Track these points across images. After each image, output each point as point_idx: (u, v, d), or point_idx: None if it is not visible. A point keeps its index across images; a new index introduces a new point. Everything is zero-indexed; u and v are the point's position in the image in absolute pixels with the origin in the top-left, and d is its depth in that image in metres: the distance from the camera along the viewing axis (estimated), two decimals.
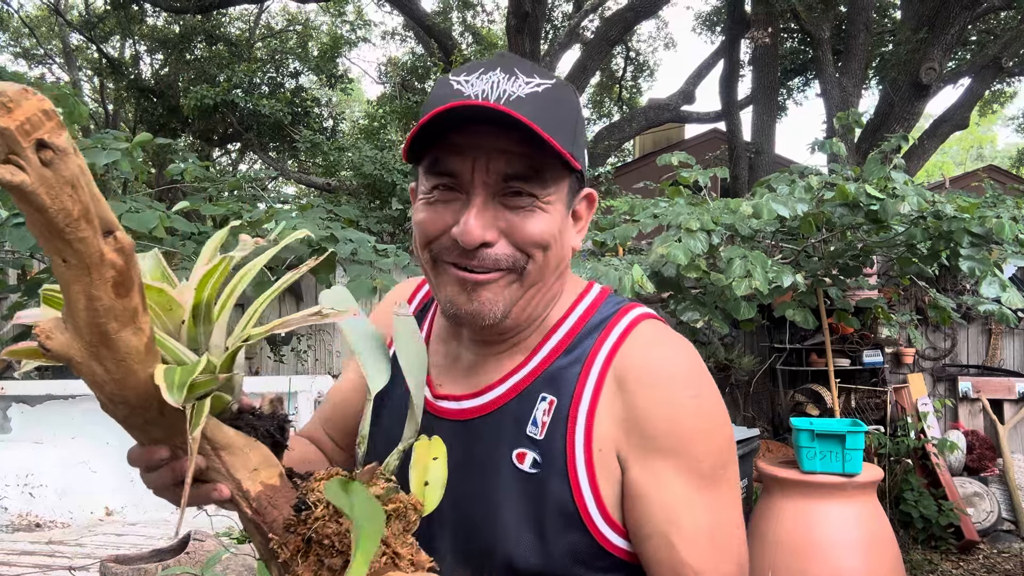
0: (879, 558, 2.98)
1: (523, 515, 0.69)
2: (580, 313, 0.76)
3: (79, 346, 0.50)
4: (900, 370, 4.83)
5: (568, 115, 0.70)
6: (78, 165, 0.45)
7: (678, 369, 0.71)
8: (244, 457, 0.58)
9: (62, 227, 0.45)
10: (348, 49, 11.80)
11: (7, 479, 3.28)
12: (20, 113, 0.42)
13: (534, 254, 0.70)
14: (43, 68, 14.16)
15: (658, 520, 0.67)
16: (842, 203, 3.03)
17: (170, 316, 0.57)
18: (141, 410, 0.55)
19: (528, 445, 0.70)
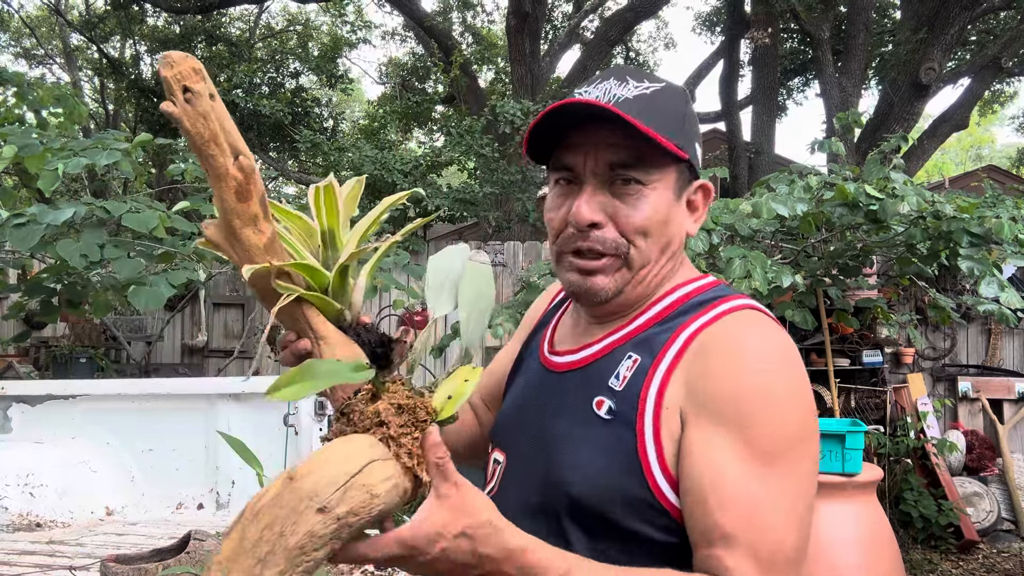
0: (879, 558, 2.98)
1: (593, 457, 0.75)
2: (685, 292, 0.82)
3: (221, 236, 0.71)
4: (900, 370, 4.84)
5: (674, 111, 0.79)
6: (211, 105, 0.67)
7: (758, 345, 0.73)
8: (333, 348, 0.74)
9: (199, 145, 0.67)
10: (348, 50, 11.80)
11: (8, 479, 3.28)
12: (176, 68, 0.66)
13: (635, 241, 0.78)
14: (43, 68, 14.17)
15: (699, 477, 0.69)
16: (841, 203, 3.04)
17: (311, 241, 0.76)
18: (264, 291, 0.74)
19: (607, 394, 0.77)
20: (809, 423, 0.72)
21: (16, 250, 3.29)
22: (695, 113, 0.85)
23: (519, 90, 8.24)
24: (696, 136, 0.83)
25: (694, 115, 0.84)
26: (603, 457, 0.74)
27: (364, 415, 0.67)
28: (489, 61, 11.47)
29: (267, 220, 0.72)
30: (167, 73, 0.66)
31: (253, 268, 0.69)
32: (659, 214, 0.78)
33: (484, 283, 0.82)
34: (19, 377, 4.73)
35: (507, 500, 0.80)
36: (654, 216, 0.78)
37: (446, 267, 0.83)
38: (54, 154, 3.06)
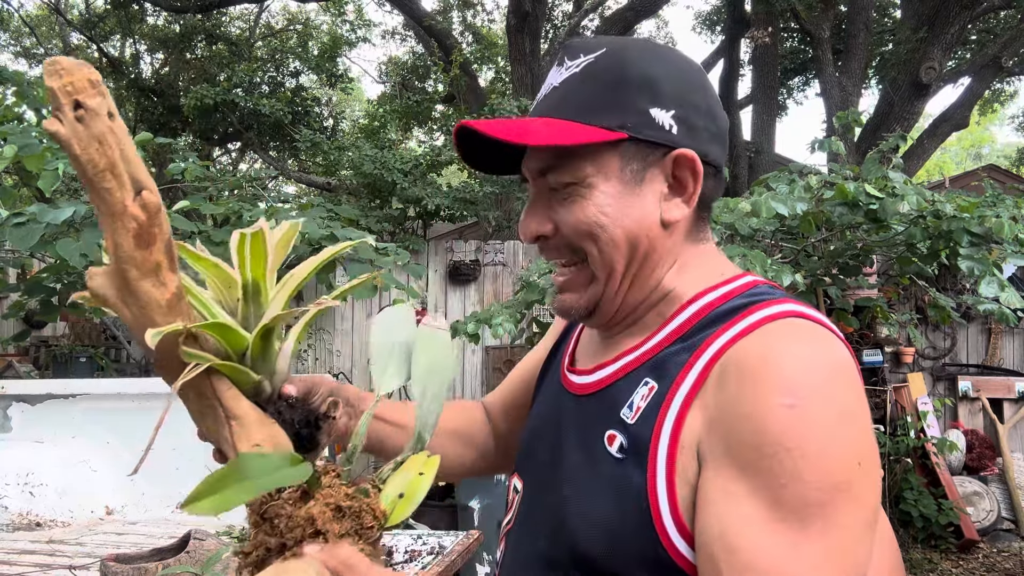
0: (878, 557, 2.97)
1: (601, 504, 0.64)
2: (710, 300, 0.67)
3: (112, 288, 0.58)
4: (900, 369, 4.84)
5: (608, 82, 0.66)
6: (108, 126, 0.55)
7: (791, 368, 0.57)
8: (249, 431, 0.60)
9: (91, 175, 0.54)
10: (348, 49, 11.80)
11: (7, 478, 3.28)
12: (68, 78, 0.53)
13: (585, 246, 0.68)
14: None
15: (713, 536, 0.56)
16: (841, 202, 3.03)
17: (229, 292, 0.63)
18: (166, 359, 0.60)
19: (619, 428, 0.65)
20: (857, 455, 0.56)
21: (16, 250, 3.28)
22: (674, 67, 0.68)
23: (519, 89, 8.24)
24: (658, 94, 0.66)
25: (653, 73, 0.67)
26: (612, 505, 0.63)
27: (294, 521, 0.55)
28: (489, 60, 11.47)
29: (172, 271, 0.58)
30: (54, 84, 0.53)
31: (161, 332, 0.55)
32: (607, 211, 0.66)
33: (441, 352, 0.70)
34: (19, 376, 4.74)
35: (520, 539, 0.74)
36: (595, 216, 0.66)
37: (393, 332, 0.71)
38: (54, 154, 3.06)
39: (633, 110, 0.66)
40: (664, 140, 0.66)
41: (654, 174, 0.67)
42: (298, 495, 0.57)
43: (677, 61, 0.70)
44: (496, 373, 5.78)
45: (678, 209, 0.68)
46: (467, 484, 4.07)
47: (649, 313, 0.71)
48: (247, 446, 0.59)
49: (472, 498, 4.01)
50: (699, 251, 0.71)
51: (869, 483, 0.57)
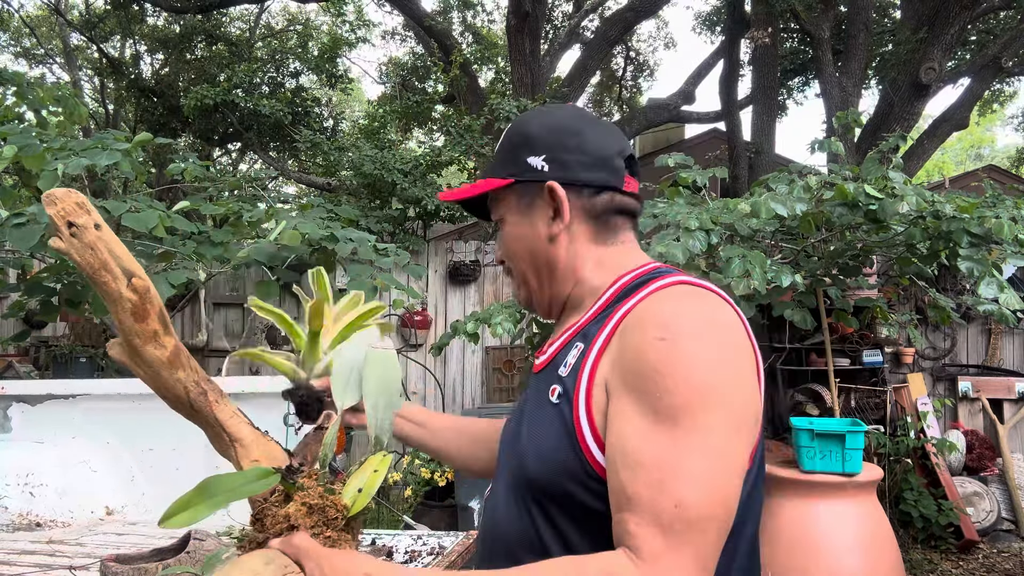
0: (879, 557, 2.98)
1: (543, 436, 0.82)
2: (623, 282, 0.87)
3: (125, 355, 0.75)
4: (900, 370, 4.84)
5: (505, 144, 0.94)
6: (96, 235, 0.70)
7: (667, 316, 0.76)
8: (249, 450, 0.77)
9: (91, 274, 0.70)
10: (348, 49, 11.79)
11: (7, 478, 3.28)
12: (60, 205, 0.69)
13: (511, 265, 0.96)
14: (43, 68, 14.16)
15: (611, 445, 0.74)
16: (841, 203, 3.03)
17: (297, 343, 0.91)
18: (178, 404, 0.78)
19: (557, 381, 0.85)
20: (728, 382, 0.72)
21: (16, 250, 3.28)
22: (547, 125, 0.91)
23: (519, 90, 8.24)
24: (533, 147, 0.90)
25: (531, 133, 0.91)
26: (552, 437, 0.81)
27: (276, 519, 0.69)
28: (489, 61, 11.47)
29: (168, 334, 0.75)
30: (51, 211, 0.68)
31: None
32: (511, 238, 0.93)
33: (388, 369, 0.85)
34: (19, 377, 4.73)
35: (495, 487, 0.93)
36: (509, 244, 0.94)
37: (352, 356, 0.87)
38: (54, 154, 3.06)
39: (517, 161, 0.91)
40: (538, 178, 0.89)
41: (539, 204, 0.90)
42: (282, 498, 0.70)
43: (557, 116, 0.93)
44: (496, 373, 5.77)
45: (558, 226, 0.89)
46: (467, 485, 4.07)
47: (585, 300, 0.91)
48: (248, 462, 0.75)
49: (472, 498, 4.01)
50: (614, 251, 0.91)
51: (737, 402, 0.73)
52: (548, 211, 0.90)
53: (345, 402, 0.83)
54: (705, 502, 0.67)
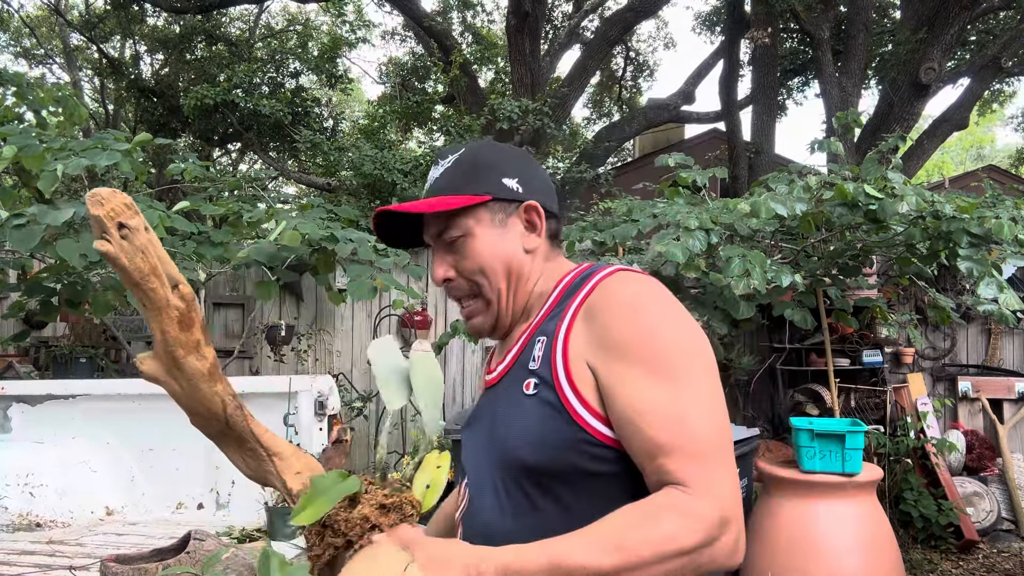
0: (879, 557, 2.98)
1: (532, 425, 0.88)
2: (568, 280, 0.97)
3: (161, 368, 0.72)
4: (900, 370, 4.84)
5: (468, 166, 0.98)
6: (147, 239, 0.67)
7: (629, 295, 0.88)
8: (290, 463, 0.77)
9: (138, 280, 0.67)
10: (347, 50, 11.79)
11: (8, 479, 3.28)
12: (108, 205, 0.65)
13: (478, 280, 0.97)
14: (43, 68, 14.16)
15: (626, 409, 0.83)
16: (841, 203, 3.03)
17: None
18: (211, 421, 0.75)
19: (529, 375, 0.92)
20: (695, 337, 0.88)
21: (16, 250, 3.28)
22: (509, 154, 1.01)
23: (519, 90, 8.24)
24: (504, 171, 0.98)
25: (497, 159, 0.99)
26: (539, 421, 0.87)
27: (352, 523, 0.70)
28: (489, 61, 11.47)
29: (208, 345, 0.73)
30: (98, 211, 0.65)
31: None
32: (486, 250, 0.96)
33: (432, 369, 0.96)
34: (19, 377, 4.73)
35: (472, 496, 0.96)
36: (482, 254, 0.96)
37: (386, 360, 0.95)
38: (54, 154, 3.06)
39: (491, 181, 0.97)
40: (515, 197, 0.98)
41: (513, 220, 0.98)
42: (345, 503, 0.72)
43: (510, 151, 1.04)
44: None
45: (534, 241, 0.99)
46: None
47: (533, 308, 0.99)
48: (291, 474, 0.77)
49: None
50: (553, 265, 1.01)
51: (706, 350, 0.88)
52: (521, 227, 0.98)
53: (396, 403, 0.90)
54: (715, 430, 0.82)
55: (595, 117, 13.66)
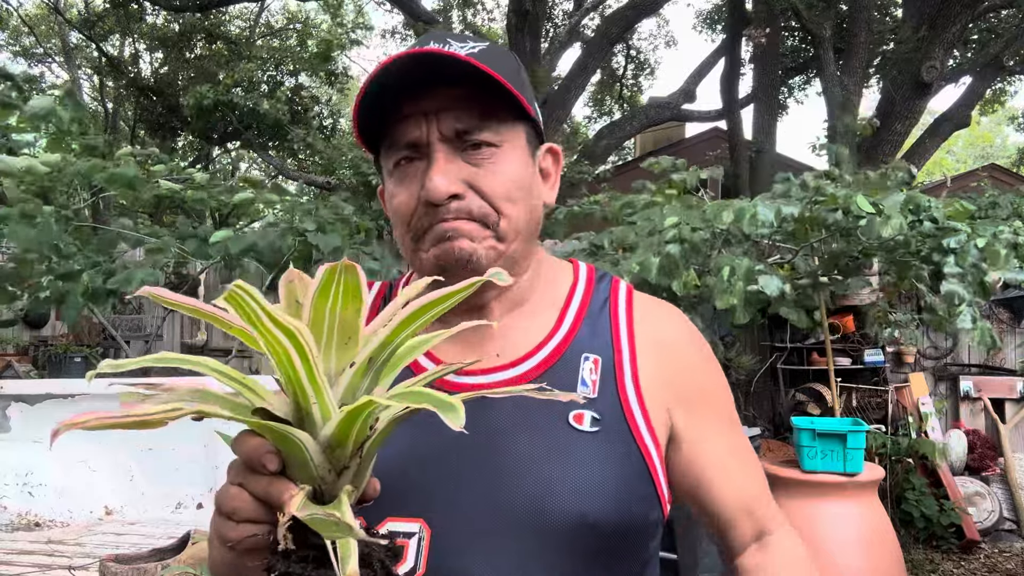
0: (880, 557, 2.97)
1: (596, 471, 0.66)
2: (583, 287, 0.78)
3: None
4: (901, 369, 4.83)
5: (512, 65, 0.70)
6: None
7: (695, 334, 0.80)
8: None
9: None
10: (341, 51, 11.77)
11: (6, 478, 3.27)
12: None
13: (503, 208, 0.68)
14: (43, 67, 14.15)
15: (719, 463, 0.76)
16: (834, 208, 3.01)
17: (343, 348, 0.46)
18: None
19: (583, 407, 0.69)
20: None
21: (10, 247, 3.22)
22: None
23: None
24: (534, 99, 0.74)
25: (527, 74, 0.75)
26: (608, 470, 0.66)
27: None
28: None
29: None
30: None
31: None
32: (520, 177, 0.70)
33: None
34: (18, 376, 4.72)
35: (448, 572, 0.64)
36: (516, 178, 0.69)
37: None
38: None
39: (530, 100, 0.71)
40: (541, 133, 0.75)
41: (536, 159, 0.74)
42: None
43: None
44: None
45: (551, 193, 0.76)
46: None
47: (533, 298, 0.75)
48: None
49: None
50: (538, 249, 0.78)
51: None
52: (537, 170, 0.74)
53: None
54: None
55: (596, 116, 13.64)
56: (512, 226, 0.69)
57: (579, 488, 0.65)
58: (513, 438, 0.67)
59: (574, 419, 0.67)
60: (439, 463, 0.67)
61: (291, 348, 0.42)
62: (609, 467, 0.67)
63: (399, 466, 0.66)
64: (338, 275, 0.43)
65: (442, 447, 0.67)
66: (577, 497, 0.64)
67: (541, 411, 0.67)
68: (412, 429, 0.63)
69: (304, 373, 0.42)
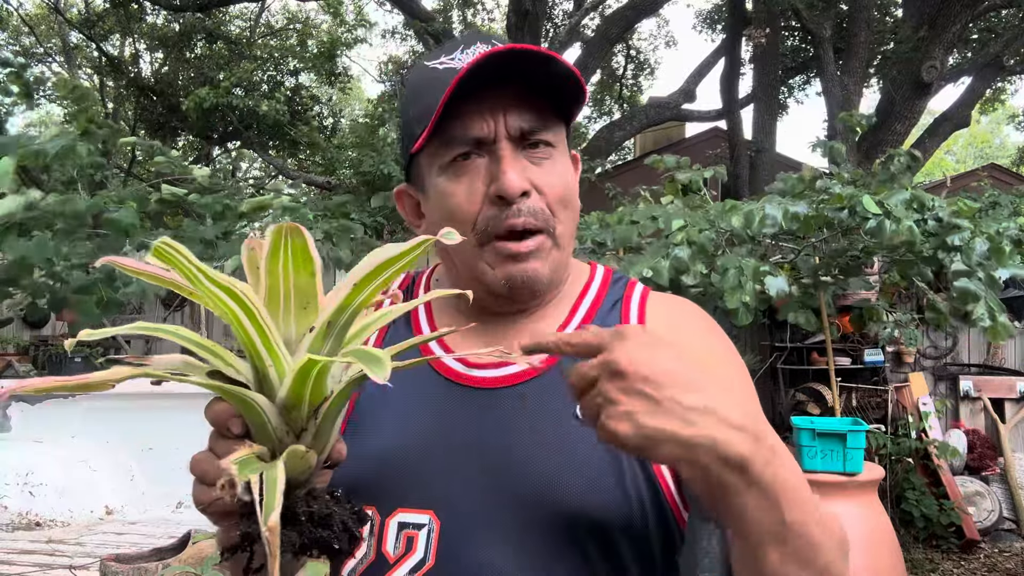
0: (880, 557, 2.97)
1: (597, 465, 0.65)
2: (597, 288, 0.77)
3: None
4: (901, 369, 4.83)
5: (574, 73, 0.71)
6: None
7: (704, 327, 0.77)
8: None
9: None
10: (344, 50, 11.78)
11: (7, 478, 3.27)
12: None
13: (558, 212, 0.69)
14: (43, 66, 14.15)
15: None
16: (840, 207, 3.02)
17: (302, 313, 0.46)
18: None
19: None
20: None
21: None
22: None
23: None
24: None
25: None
26: (610, 464, 0.65)
27: None
28: None
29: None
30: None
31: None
32: (571, 181, 0.71)
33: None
34: (18, 376, 4.72)
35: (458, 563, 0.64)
36: (569, 182, 0.70)
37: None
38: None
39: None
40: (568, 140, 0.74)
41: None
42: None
43: None
44: None
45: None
46: None
47: (555, 295, 0.75)
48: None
49: None
50: None
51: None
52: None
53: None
54: None
55: (596, 116, 13.64)
56: (566, 230, 0.70)
57: (582, 481, 0.65)
58: (520, 430, 0.67)
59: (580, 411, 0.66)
60: (448, 455, 0.67)
61: (237, 309, 0.43)
62: (612, 461, 0.65)
63: (409, 458, 0.67)
64: (285, 237, 0.43)
65: (451, 439, 0.68)
66: (580, 490, 0.64)
67: (548, 403, 0.67)
68: (422, 422, 0.69)
69: (256, 334, 0.43)
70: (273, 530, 0.40)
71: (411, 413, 0.69)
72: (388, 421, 0.70)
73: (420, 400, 0.70)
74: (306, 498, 0.47)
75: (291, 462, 0.45)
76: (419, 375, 0.70)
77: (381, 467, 0.67)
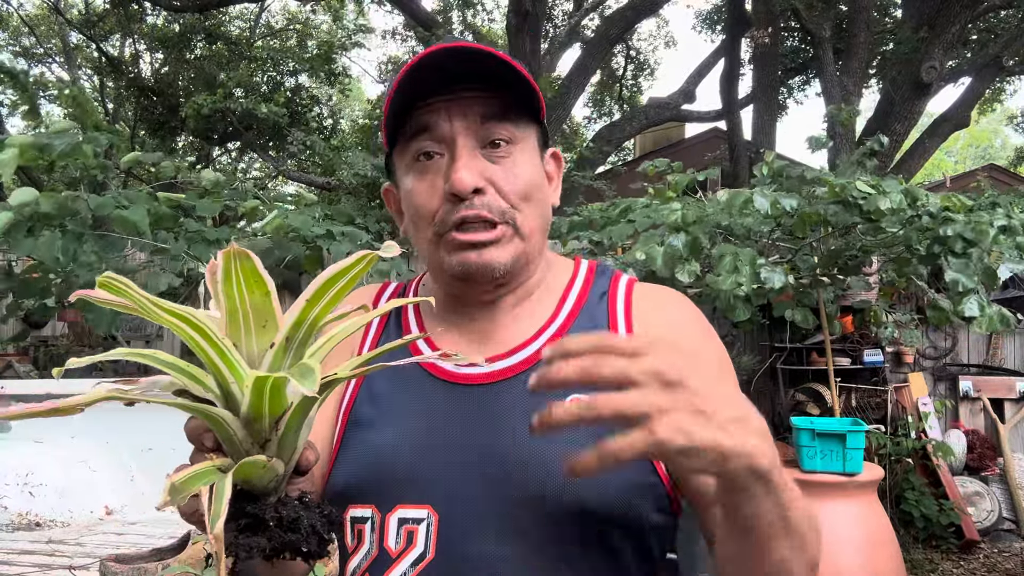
0: (879, 557, 2.98)
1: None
2: (582, 281, 0.79)
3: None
4: (901, 369, 4.83)
5: (527, 79, 0.73)
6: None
7: (690, 317, 0.77)
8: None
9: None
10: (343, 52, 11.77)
11: (7, 478, 3.28)
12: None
13: (519, 207, 0.71)
14: (43, 67, 14.15)
15: None
16: (835, 201, 3.02)
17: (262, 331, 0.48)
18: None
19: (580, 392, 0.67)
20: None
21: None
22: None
23: None
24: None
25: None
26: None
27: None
28: None
29: None
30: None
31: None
32: (535, 177, 0.73)
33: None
34: (19, 376, 4.73)
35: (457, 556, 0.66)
36: (531, 178, 0.72)
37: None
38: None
39: (542, 107, 0.74)
40: (547, 138, 0.77)
41: (544, 162, 0.76)
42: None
43: None
44: None
45: (554, 196, 0.78)
46: None
47: (537, 291, 0.77)
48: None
49: None
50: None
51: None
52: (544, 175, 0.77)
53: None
54: None
55: (595, 116, 13.64)
56: (528, 224, 0.72)
57: (584, 481, 0.64)
58: (515, 424, 0.68)
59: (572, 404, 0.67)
60: (445, 450, 0.69)
61: (192, 332, 0.45)
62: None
63: (407, 454, 0.70)
64: (233, 261, 0.46)
65: (446, 436, 0.70)
66: (574, 483, 0.64)
67: (543, 396, 0.66)
68: (417, 421, 0.71)
69: (215, 354, 0.46)
70: (218, 537, 0.42)
71: (407, 413, 0.72)
72: (386, 422, 0.72)
73: (415, 400, 0.72)
74: (276, 505, 0.49)
75: (251, 472, 0.47)
76: (413, 377, 0.73)
77: (380, 466, 0.70)
